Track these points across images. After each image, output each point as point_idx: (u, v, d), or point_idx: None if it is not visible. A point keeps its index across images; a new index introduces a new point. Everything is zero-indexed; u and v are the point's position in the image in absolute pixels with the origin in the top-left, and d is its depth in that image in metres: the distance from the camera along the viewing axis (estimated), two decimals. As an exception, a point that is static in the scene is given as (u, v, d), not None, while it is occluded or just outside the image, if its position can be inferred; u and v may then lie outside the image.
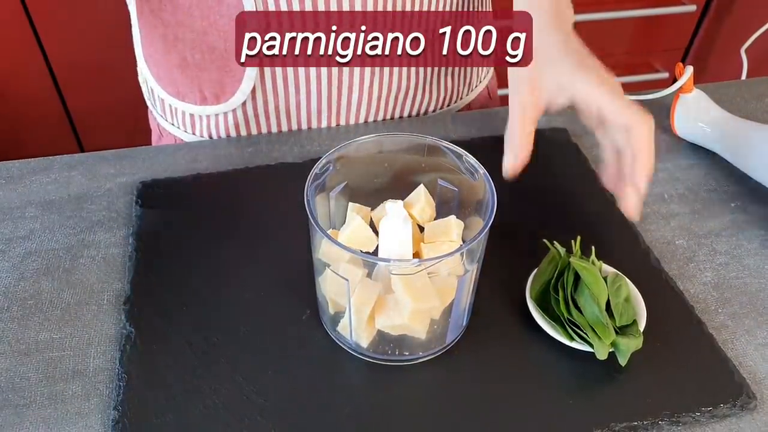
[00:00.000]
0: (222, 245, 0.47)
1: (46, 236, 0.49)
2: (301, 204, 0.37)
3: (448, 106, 0.64)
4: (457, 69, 0.62)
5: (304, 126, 0.59)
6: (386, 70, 0.56)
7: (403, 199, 0.41)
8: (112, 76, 1.18)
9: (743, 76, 1.15)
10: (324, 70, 0.54)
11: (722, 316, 0.44)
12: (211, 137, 0.60)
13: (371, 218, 0.42)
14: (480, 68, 0.66)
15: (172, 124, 0.62)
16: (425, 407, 0.39)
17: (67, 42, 1.15)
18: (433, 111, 0.63)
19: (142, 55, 0.61)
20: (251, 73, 0.54)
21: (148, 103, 0.66)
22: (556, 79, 0.43)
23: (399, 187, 0.43)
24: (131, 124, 1.21)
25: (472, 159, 0.40)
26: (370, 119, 0.60)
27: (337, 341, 0.42)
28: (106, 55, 1.15)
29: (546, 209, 0.51)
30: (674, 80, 0.56)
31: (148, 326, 0.42)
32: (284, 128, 0.59)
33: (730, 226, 0.51)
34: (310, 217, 0.36)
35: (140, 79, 0.64)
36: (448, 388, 0.40)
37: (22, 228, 0.50)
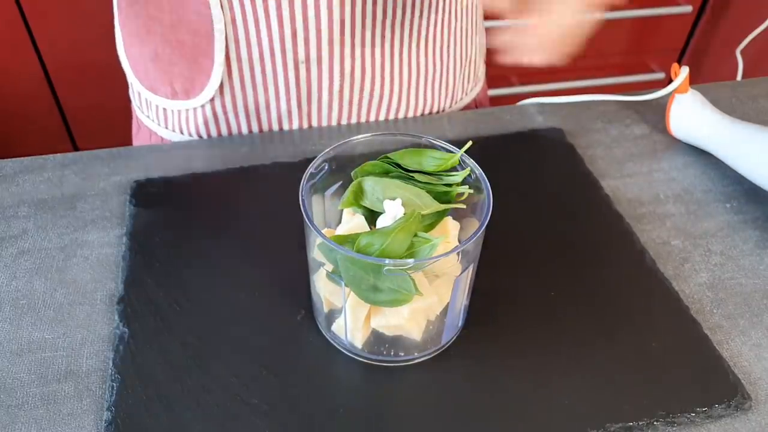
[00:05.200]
0: (216, 245, 0.47)
1: (39, 235, 0.49)
2: (296, 203, 0.37)
3: (429, 115, 0.62)
4: (435, 79, 0.60)
5: (275, 126, 0.59)
6: (357, 74, 0.56)
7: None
8: (107, 75, 1.17)
9: (739, 77, 1.16)
10: (291, 70, 0.54)
11: (717, 317, 0.44)
12: (181, 132, 0.60)
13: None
14: (464, 81, 0.64)
15: (147, 117, 0.63)
16: (420, 408, 0.39)
17: (61, 41, 1.14)
18: (412, 116, 0.62)
19: (123, 49, 0.61)
20: (219, 69, 0.54)
21: (130, 95, 0.66)
22: None
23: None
24: (125, 124, 1.20)
25: (468, 159, 0.40)
26: (343, 122, 0.59)
27: (331, 341, 0.41)
28: (100, 54, 1.14)
29: (541, 209, 0.51)
30: (670, 81, 0.56)
31: (141, 326, 0.42)
32: (254, 128, 0.59)
33: (725, 227, 0.51)
34: (305, 216, 0.36)
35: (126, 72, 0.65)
36: (443, 389, 0.40)
37: (14, 227, 0.49)
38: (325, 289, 0.39)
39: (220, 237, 0.48)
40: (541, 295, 0.44)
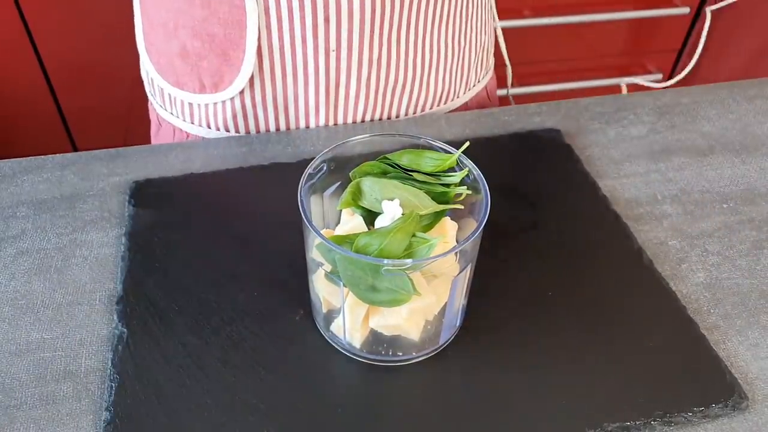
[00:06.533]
0: (215, 245, 0.47)
1: (38, 236, 0.49)
2: (295, 204, 0.37)
3: (445, 103, 0.64)
4: (454, 65, 0.62)
5: (302, 119, 0.59)
6: (383, 61, 0.57)
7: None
8: (106, 76, 1.18)
9: (736, 78, 1.16)
10: (322, 61, 0.55)
11: (714, 317, 0.44)
12: (209, 127, 0.60)
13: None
14: (478, 67, 0.66)
15: (171, 114, 0.63)
16: (418, 407, 0.39)
17: (60, 41, 1.14)
18: (430, 108, 0.63)
19: (144, 45, 0.61)
20: (250, 60, 0.54)
21: (149, 95, 0.66)
22: None
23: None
24: (124, 124, 1.20)
25: (465, 159, 0.40)
26: (367, 116, 0.60)
27: (330, 341, 0.42)
28: (99, 54, 1.15)
29: (539, 210, 0.51)
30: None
31: (140, 326, 0.42)
32: (281, 121, 0.59)
33: (722, 227, 0.51)
34: (303, 217, 0.36)
35: (142, 70, 0.65)
36: (441, 389, 0.40)
37: (13, 227, 0.49)
38: (323, 289, 0.40)
39: (219, 237, 0.48)
40: (538, 295, 0.45)
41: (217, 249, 0.47)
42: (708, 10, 0.69)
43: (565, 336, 0.42)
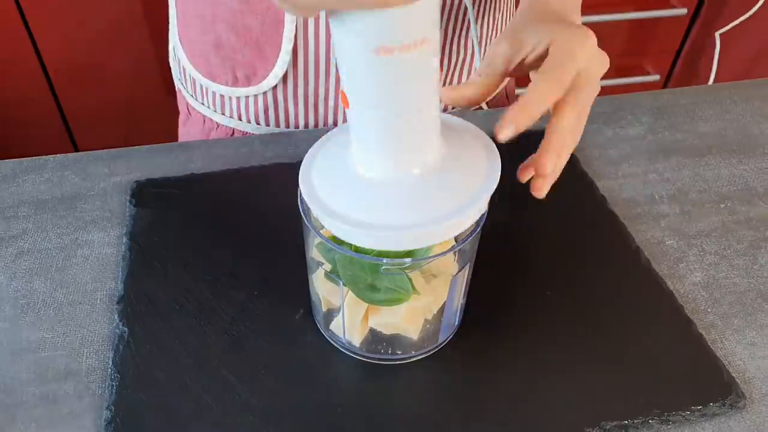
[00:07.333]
0: (216, 245, 0.48)
1: (39, 236, 0.49)
2: (295, 204, 0.37)
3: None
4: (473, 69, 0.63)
5: (330, 116, 0.60)
6: None
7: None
8: (107, 76, 1.18)
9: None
10: None
11: (711, 316, 0.45)
12: (240, 119, 0.61)
13: None
14: None
15: (202, 104, 0.63)
16: (418, 406, 0.39)
17: (61, 42, 1.14)
18: (452, 108, 0.63)
19: (177, 36, 0.62)
20: (285, 57, 0.55)
21: (178, 84, 0.67)
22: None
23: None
24: (125, 124, 1.20)
25: (464, 160, 0.40)
26: None
27: (330, 340, 0.42)
28: (100, 54, 1.15)
29: (537, 210, 0.51)
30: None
31: (141, 326, 0.42)
32: (311, 117, 0.60)
33: (719, 227, 0.51)
34: (303, 216, 0.37)
35: (170, 59, 0.66)
36: (441, 387, 0.40)
37: (14, 227, 0.49)
38: (323, 288, 0.40)
39: (220, 237, 0.48)
40: (537, 295, 0.45)
41: (218, 249, 0.47)
42: (717, 35, 0.70)
43: (564, 335, 0.42)
